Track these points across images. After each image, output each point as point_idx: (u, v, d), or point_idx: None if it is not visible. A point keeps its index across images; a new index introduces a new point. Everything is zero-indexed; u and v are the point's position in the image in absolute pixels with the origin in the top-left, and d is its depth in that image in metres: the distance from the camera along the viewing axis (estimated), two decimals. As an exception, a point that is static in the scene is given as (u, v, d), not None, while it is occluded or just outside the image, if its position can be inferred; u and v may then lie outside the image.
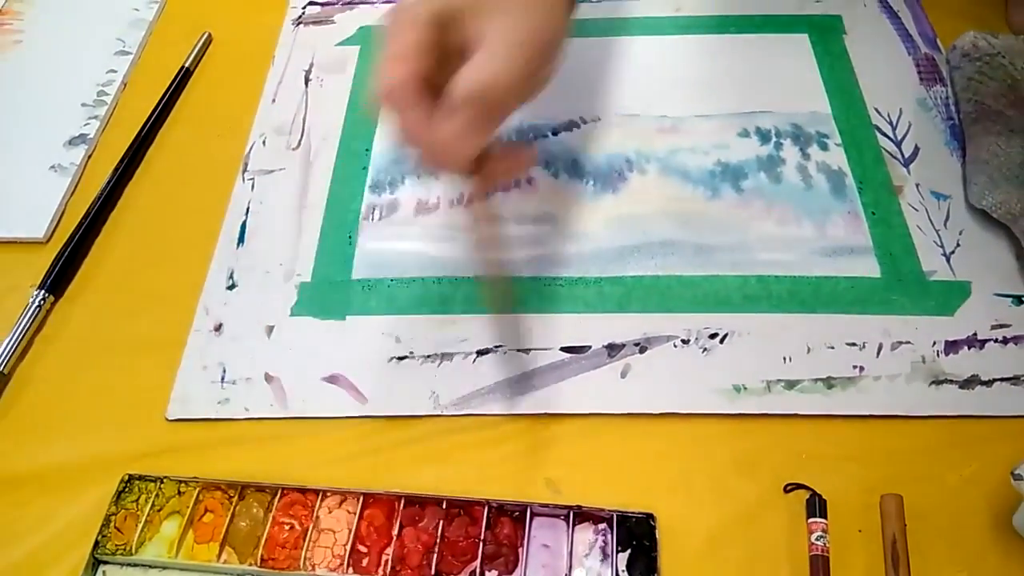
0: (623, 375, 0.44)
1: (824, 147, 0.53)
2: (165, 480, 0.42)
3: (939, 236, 0.49)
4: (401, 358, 0.46)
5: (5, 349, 0.47)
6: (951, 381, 0.43)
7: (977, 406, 0.42)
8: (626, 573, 0.38)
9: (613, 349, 0.45)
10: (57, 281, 0.50)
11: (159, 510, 0.41)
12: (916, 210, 0.50)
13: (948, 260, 0.48)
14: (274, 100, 0.59)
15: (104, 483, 0.42)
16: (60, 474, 0.43)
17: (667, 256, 0.49)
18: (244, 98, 0.60)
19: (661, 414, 0.43)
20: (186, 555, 0.40)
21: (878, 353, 0.44)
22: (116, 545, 0.40)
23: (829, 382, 0.43)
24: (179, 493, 0.41)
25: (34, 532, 0.41)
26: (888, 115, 0.55)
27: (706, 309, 0.47)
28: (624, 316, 0.47)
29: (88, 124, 0.59)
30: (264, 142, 0.57)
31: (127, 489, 0.42)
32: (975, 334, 0.45)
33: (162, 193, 0.55)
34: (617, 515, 0.39)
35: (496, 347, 0.46)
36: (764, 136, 0.54)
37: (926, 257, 0.48)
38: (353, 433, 0.43)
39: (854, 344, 0.45)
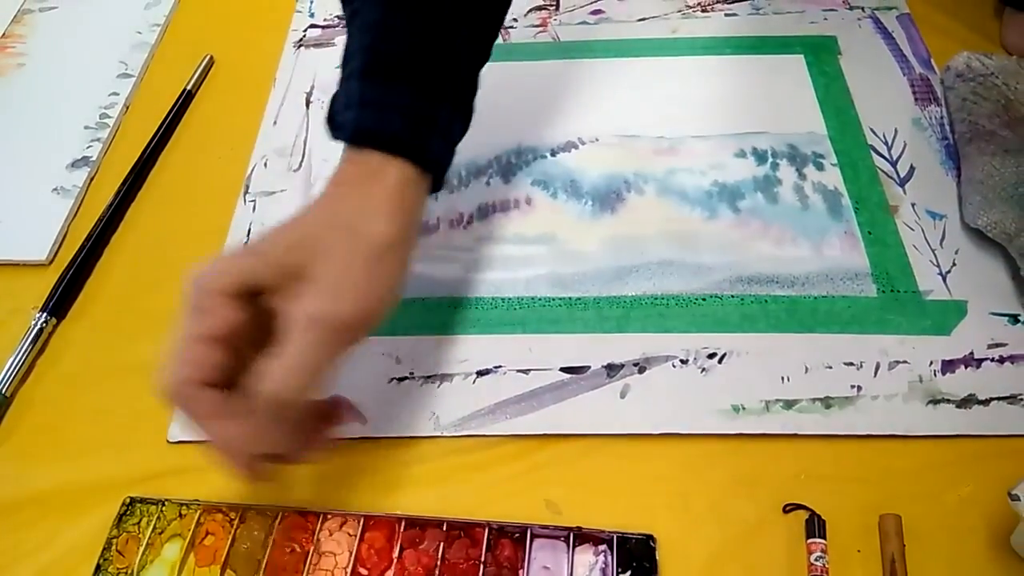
0: (622, 395, 0.45)
1: (820, 167, 0.54)
2: (166, 503, 0.42)
3: (935, 255, 0.49)
4: (401, 379, 0.46)
5: (7, 372, 0.47)
6: (948, 400, 0.43)
7: (974, 425, 0.43)
8: (626, 595, 0.38)
9: (612, 369, 0.46)
10: (59, 304, 0.50)
11: (160, 533, 0.41)
12: (912, 229, 0.50)
13: (944, 279, 0.48)
14: (275, 122, 0.60)
15: (106, 506, 0.42)
16: (62, 497, 0.43)
17: (665, 276, 0.49)
18: (246, 120, 0.60)
19: (660, 434, 0.43)
20: (188, 578, 0.40)
21: (875, 373, 0.45)
22: (118, 568, 0.40)
23: (827, 402, 0.44)
24: (180, 516, 0.41)
25: (36, 555, 0.41)
26: (883, 135, 0.55)
27: (704, 329, 0.47)
28: (623, 336, 0.47)
29: (91, 147, 0.59)
30: (265, 164, 0.57)
31: (128, 512, 0.42)
32: (972, 353, 0.45)
33: (164, 215, 0.56)
34: (617, 536, 0.40)
35: (496, 367, 0.46)
36: (760, 157, 0.54)
37: (922, 277, 0.48)
38: (354, 455, 0.44)
39: (852, 364, 0.45)
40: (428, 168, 0.38)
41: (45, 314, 0.49)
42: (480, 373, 0.46)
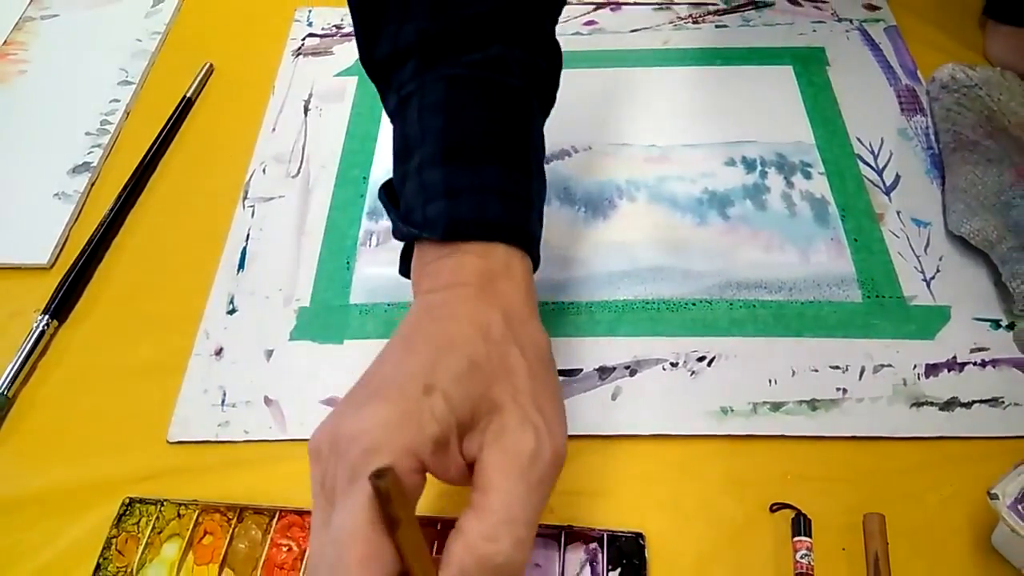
0: (614, 397, 0.46)
1: (808, 176, 0.55)
2: (165, 503, 0.42)
3: (919, 262, 0.50)
4: (397, 381, 0.47)
5: (9, 373, 0.48)
6: (931, 403, 0.44)
7: (957, 428, 0.44)
8: (616, 592, 0.39)
9: (604, 372, 0.47)
10: (60, 306, 0.51)
11: (159, 532, 0.42)
12: (897, 237, 0.52)
13: (928, 285, 0.49)
14: (274, 129, 0.61)
15: (105, 506, 0.43)
16: (62, 496, 0.44)
17: (656, 281, 0.50)
18: (244, 127, 0.61)
19: (651, 435, 0.44)
20: (186, 576, 0.40)
21: (860, 376, 0.46)
22: (117, 567, 0.41)
23: (813, 404, 0.45)
24: (179, 516, 0.42)
25: (37, 554, 0.42)
26: (870, 144, 0.57)
27: (694, 333, 0.48)
28: (614, 340, 0.48)
29: (91, 152, 0.60)
30: (264, 170, 0.58)
31: (128, 512, 0.42)
32: (955, 357, 0.46)
33: (164, 220, 0.56)
34: (607, 534, 0.40)
35: (490, 371, 0.47)
36: (750, 165, 0.55)
37: (907, 283, 0.49)
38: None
39: (837, 367, 0.46)
40: (532, 249, 0.36)
41: (47, 316, 0.50)
42: (474, 376, 0.47)
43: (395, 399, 0.28)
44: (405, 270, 0.38)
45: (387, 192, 0.39)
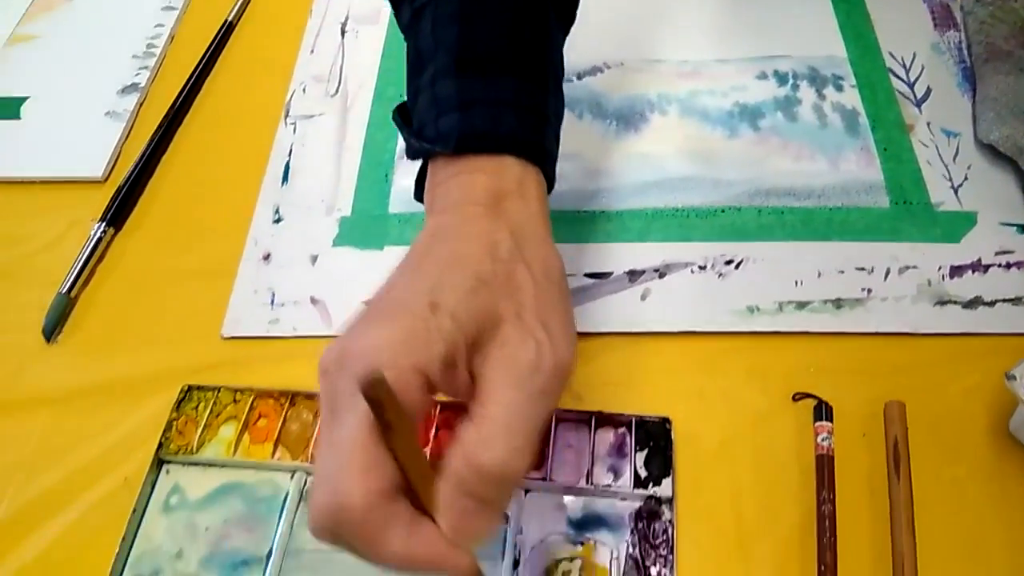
0: (643, 298, 0.47)
1: (839, 88, 0.55)
2: (221, 389, 0.45)
3: (948, 170, 0.51)
4: (435, 284, 0.49)
5: (70, 276, 0.51)
6: (955, 302, 0.46)
7: (979, 324, 0.45)
8: (643, 469, 0.41)
9: (634, 275, 0.48)
10: (116, 215, 0.54)
11: (217, 416, 0.45)
12: (926, 146, 0.52)
13: (956, 192, 0.50)
14: (313, 51, 0.63)
15: (165, 393, 0.46)
16: (124, 386, 0.47)
17: (686, 190, 0.51)
18: (284, 49, 0.63)
19: (678, 332, 0.46)
20: (243, 454, 0.43)
21: (886, 277, 0.47)
22: (178, 446, 0.44)
23: (838, 303, 0.46)
24: (235, 401, 0.45)
25: (104, 435, 0.45)
26: (902, 59, 0.57)
27: (723, 238, 0.49)
28: (644, 245, 0.49)
29: (139, 74, 0.62)
30: (304, 89, 0.60)
31: (187, 398, 0.45)
32: (979, 260, 0.47)
33: (210, 137, 0.59)
34: (636, 419, 0.43)
35: (524, 273, 0.49)
36: (781, 78, 0.56)
37: (935, 190, 0.50)
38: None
39: (863, 269, 0.47)
40: (547, 167, 0.35)
41: (103, 224, 0.53)
42: (509, 278, 0.49)
43: (402, 318, 0.28)
44: (419, 194, 0.38)
45: (400, 113, 0.38)
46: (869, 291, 0.46)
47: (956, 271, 0.47)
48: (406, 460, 0.27)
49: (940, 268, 0.47)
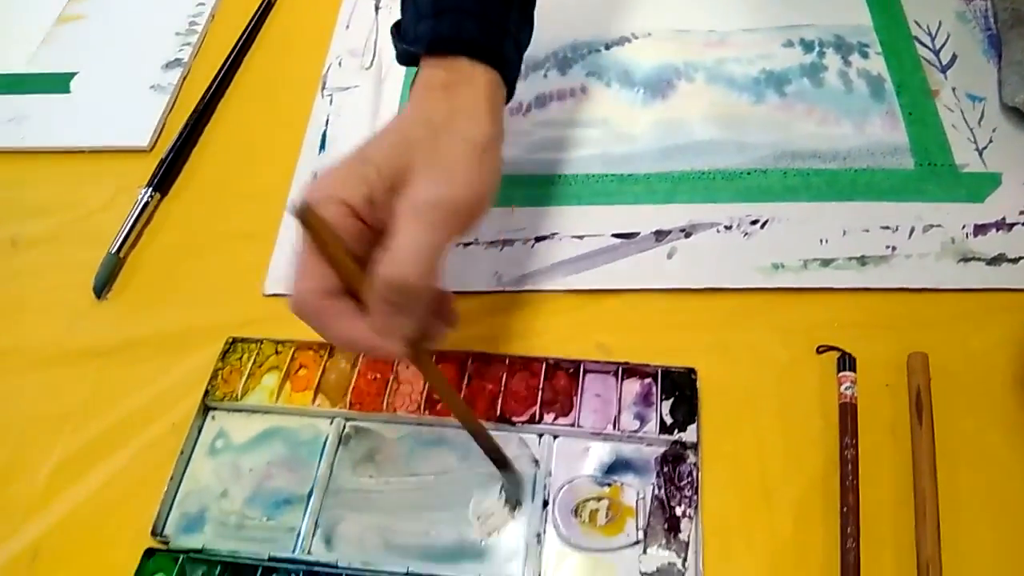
0: (669, 256, 0.49)
1: (865, 55, 0.56)
2: (264, 341, 0.47)
3: (972, 134, 0.52)
4: (467, 244, 0.51)
5: (119, 237, 0.53)
6: (978, 259, 0.46)
7: (1002, 280, 0.45)
8: (669, 416, 0.43)
9: (660, 235, 0.50)
10: (162, 181, 0.56)
11: (260, 366, 0.47)
12: (951, 111, 0.53)
13: (980, 154, 0.51)
14: (348, 26, 0.65)
15: (210, 346, 0.48)
16: (171, 339, 0.49)
17: (712, 154, 0.52)
18: (320, 25, 0.65)
19: (704, 289, 0.47)
20: (285, 401, 0.45)
21: (910, 235, 0.48)
22: (223, 393, 0.46)
23: (863, 260, 0.47)
24: (276, 352, 0.47)
25: (152, 385, 0.47)
26: (928, 27, 0.57)
27: (748, 199, 0.50)
28: (671, 207, 0.51)
29: (182, 50, 0.65)
30: (340, 63, 0.62)
31: (231, 349, 0.47)
32: (1003, 219, 0.48)
33: (250, 109, 0.61)
34: (661, 370, 0.44)
35: (552, 234, 0.51)
36: (808, 46, 0.57)
37: (959, 152, 0.51)
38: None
39: (887, 227, 0.48)
40: (504, 72, 0.40)
41: (150, 189, 0.55)
42: (538, 239, 0.50)
43: (342, 166, 0.36)
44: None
45: (396, 27, 0.44)
46: (893, 248, 0.47)
47: (980, 229, 0.47)
48: (340, 269, 0.34)
49: (964, 227, 0.48)
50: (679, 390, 0.43)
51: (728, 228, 0.49)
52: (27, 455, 0.46)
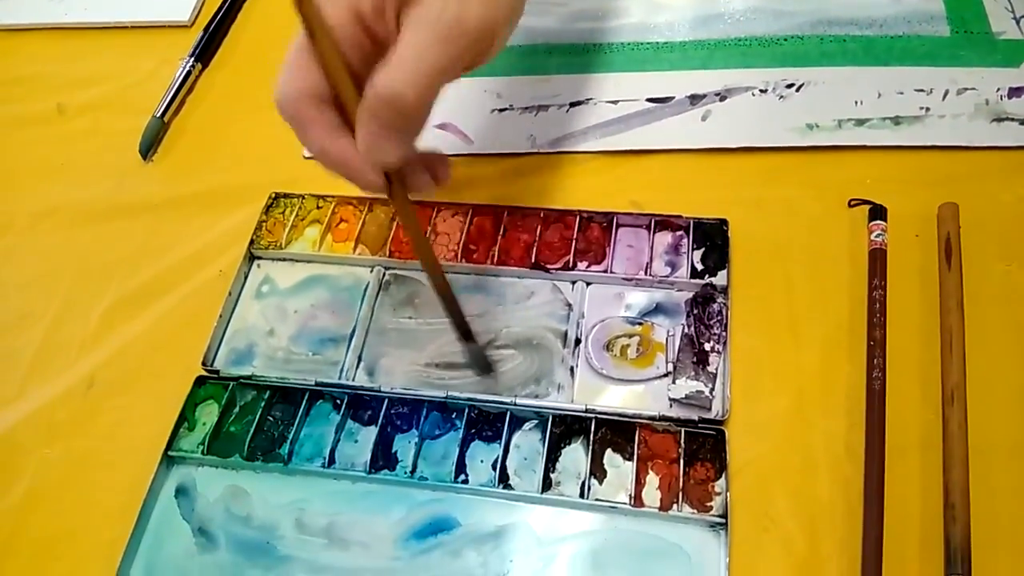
0: (703, 119, 0.49)
1: (905, -72, 0.55)
2: (306, 196, 0.49)
3: (1010, 3, 0.51)
4: (502, 110, 0.52)
5: (163, 103, 0.54)
6: (1012, 119, 0.46)
7: (1037, 138, 0.46)
8: (700, 263, 0.44)
9: (695, 99, 0.50)
10: (203, 51, 0.57)
11: (302, 219, 0.48)
12: (990, -20, 0.52)
13: (1018, 23, 0.50)
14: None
15: (254, 202, 0.49)
16: (216, 196, 0.51)
17: (748, 22, 0.53)
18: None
19: (737, 148, 0.48)
20: (327, 250, 0.47)
21: (944, 97, 0.48)
22: (268, 242, 0.47)
23: (897, 120, 0.47)
24: (318, 207, 0.49)
25: (199, 236, 0.49)
26: (970, -98, 0.57)
27: (784, 64, 0.50)
28: (706, 72, 0.51)
29: (220, -70, 0.65)
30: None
31: (274, 204, 0.49)
32: (1039, 82, 0.48)
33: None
34: (694, 221, 0.45)
35: (587, 99, 0.51)
36: (846, -79, 0.56)
37: (996, 20, 0.50)
38: (462, 166, 0.50)
39: (922, 90, 0.48)
40: None
41: (192, 59, 0.56)
42: (572, 104, 0.51)
43: None
44: None
45: None
46: (928, 109, 0.47)
47: (1015, 92, 0.47)
48: (330, 74, 0.32)
49: (999, 90, 0.48)
50: (710, 239, 0.44)
51: (763, 91, 0.50)
52: (80, 299, 0.48)
